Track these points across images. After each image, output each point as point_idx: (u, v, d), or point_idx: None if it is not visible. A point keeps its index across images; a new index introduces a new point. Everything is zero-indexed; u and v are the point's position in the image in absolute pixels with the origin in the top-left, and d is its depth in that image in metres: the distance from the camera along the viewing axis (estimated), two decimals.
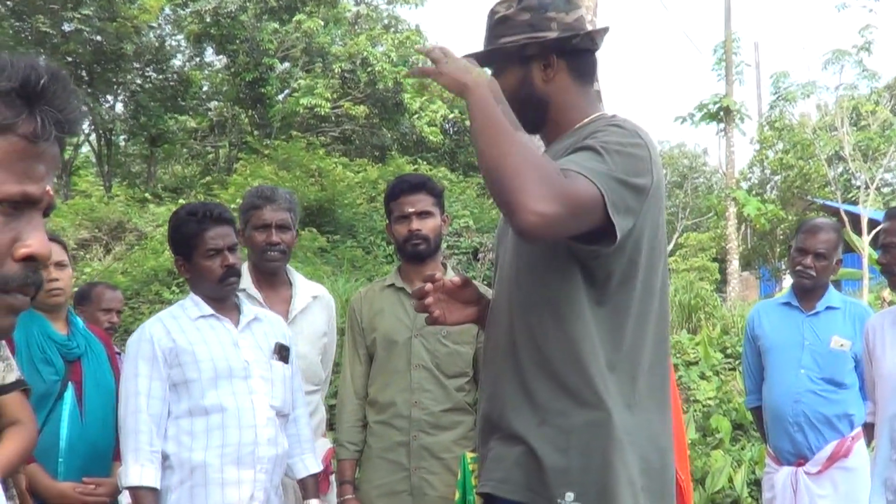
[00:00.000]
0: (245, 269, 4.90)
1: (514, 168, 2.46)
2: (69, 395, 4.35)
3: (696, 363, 11.82)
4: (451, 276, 3.08)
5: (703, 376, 11.49)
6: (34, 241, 1.34)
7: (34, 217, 1.36)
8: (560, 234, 2.54)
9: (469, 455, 3.53)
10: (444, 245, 4.85)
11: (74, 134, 1.41)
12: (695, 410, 10.47)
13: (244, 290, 4.74)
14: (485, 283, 4.76)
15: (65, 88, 1.36)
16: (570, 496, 2.64)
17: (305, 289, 4.99)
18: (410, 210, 4.59)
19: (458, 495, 3.56)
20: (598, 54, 3.06)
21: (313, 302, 4.94)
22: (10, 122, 1.30)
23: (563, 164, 2.53)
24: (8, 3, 22.52)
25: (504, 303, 2.91)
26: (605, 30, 3.01)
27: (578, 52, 2.95)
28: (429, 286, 3.04)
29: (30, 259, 1.34)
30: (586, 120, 2.90)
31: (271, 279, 4.89)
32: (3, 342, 3.75)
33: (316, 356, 4.85)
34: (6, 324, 1.36)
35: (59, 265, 4.53)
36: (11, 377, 3.68)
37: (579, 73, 2.95)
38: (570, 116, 2.93)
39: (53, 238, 4.66)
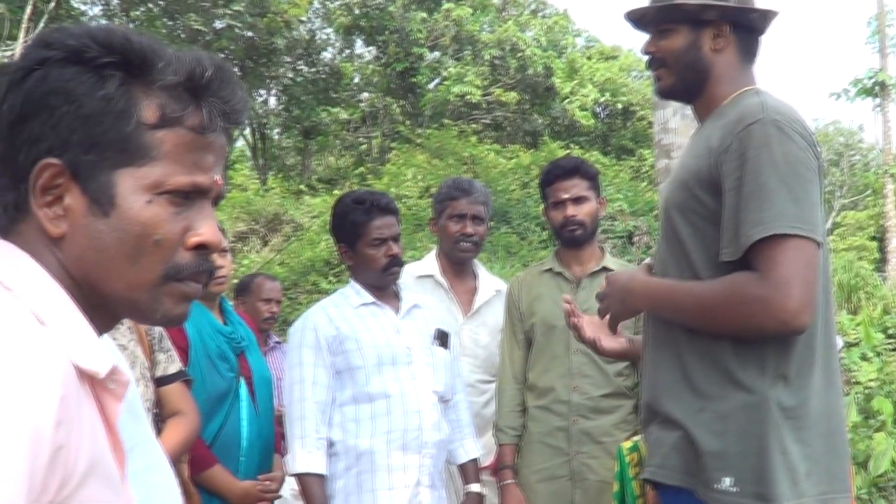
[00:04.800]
0: (432, 256, 5.02)
1: (731, 320, 2.63)
2: (244, 390, 4.34)
3: (857, 344, 11.55)
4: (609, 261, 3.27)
5: (864, 357, 11.22)
6: (205, 229, 1.37)
7: (204, 206, 1.39)
8: (816, 292, 2.60)
9: (625, 446, 3.48)
10: (599, 229, 4.81)
11: (240, 124, 1.44)
12: (856, 392, 10.22)
13: (431, 276, 4.86)
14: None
15: (229, 80, 1.39)
16: (727, 481, 2.61)
17: (489, 282, 5.07)
18: (565, 196, 4.56)
19: (616, 486, 3.52)
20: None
21: (496, 295, 4.99)
22: (177, 115, 1.33)
23: (751, 234, 2.57)
24: (160, 2, 23.07)
25: None
26: (776, 14, 2.97)
27: (749, 31, 2.96)
28: (566, 307, 3.35)
29: (201, 247, 1.37)
30: (734, 95, 2.89)
31: (458, 269, 4.98)
32: (166, 334, 3.82)
33: (496, 348, 4.88)
34: (180, 311, 1.40)
35: (221, 251, 4.55)
36: (173, 368, 3.76)
37: (746, 51, 2.97)
38: (724, 90, 2.93)
39: None
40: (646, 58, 3.10)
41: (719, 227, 2.67)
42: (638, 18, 3.06)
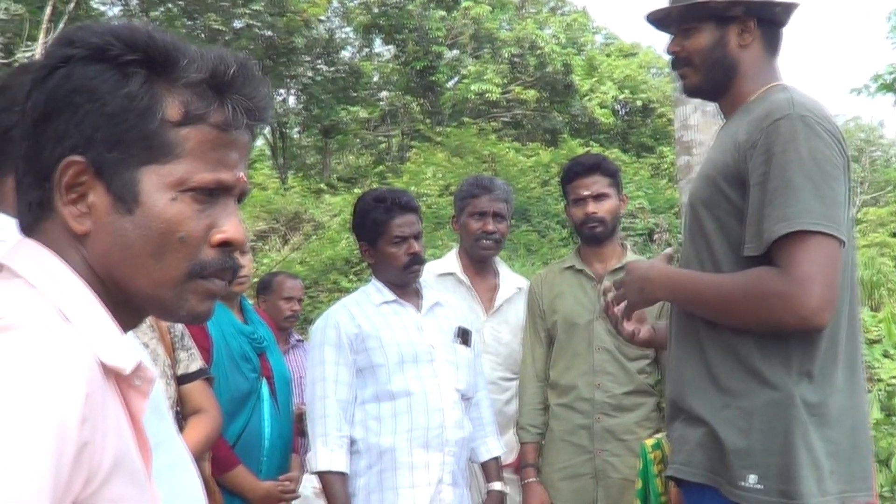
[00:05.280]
0: (454, 254, 5.01)
1: (751, 314, 2.64)
2: (265, 391, 4.34)
3: (879, 341, 11.47)
4: (630, 258, 3.28)
5: (886, 354, 11.14)
6: (229, 226, 1.37)
7: (229, 204, 1.39)
8: (838, 290, 2.61)
9: (648, 443, 3.47)
10: (620, 226, 4.80)
11: (264, 121, 1.43)
12: (878, 390, 10.15)
13: (453, 274, 4.84)
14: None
15: (253, 77, 1.38)
16: (752, 478, 2.61)
17: (510, 279, 5.04)
18: (585, 193, 4.55)
19: (639, 484, 3.50)
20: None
21: (517, 293, 4.96)
22: (201, 112, 1.33)
23: (775, 229, 2.57)
24: (180, 2, 23.14)
25: None
26: (798, 6, 2.96)
27: (773, 24, 2.96)
28: (609, 295, 3.30)
29: (225, 244, 1.37)
30: (761, 91, 2.90)
31: (479, 266, 4.95)
32: (187, 332, 3.83)
33: (518, 345, 4.86)
34: (204, 309, 1.40)
35: (242, 250, 4.52)
36: (194, 366, 3.76)
37: (770, 45, 2.97)
38: (751, 87, 2.93)
39: None
40: (669, 57, 3.09)
41: (744, 223, 2.67)
42: (660, 19, 3.05)
